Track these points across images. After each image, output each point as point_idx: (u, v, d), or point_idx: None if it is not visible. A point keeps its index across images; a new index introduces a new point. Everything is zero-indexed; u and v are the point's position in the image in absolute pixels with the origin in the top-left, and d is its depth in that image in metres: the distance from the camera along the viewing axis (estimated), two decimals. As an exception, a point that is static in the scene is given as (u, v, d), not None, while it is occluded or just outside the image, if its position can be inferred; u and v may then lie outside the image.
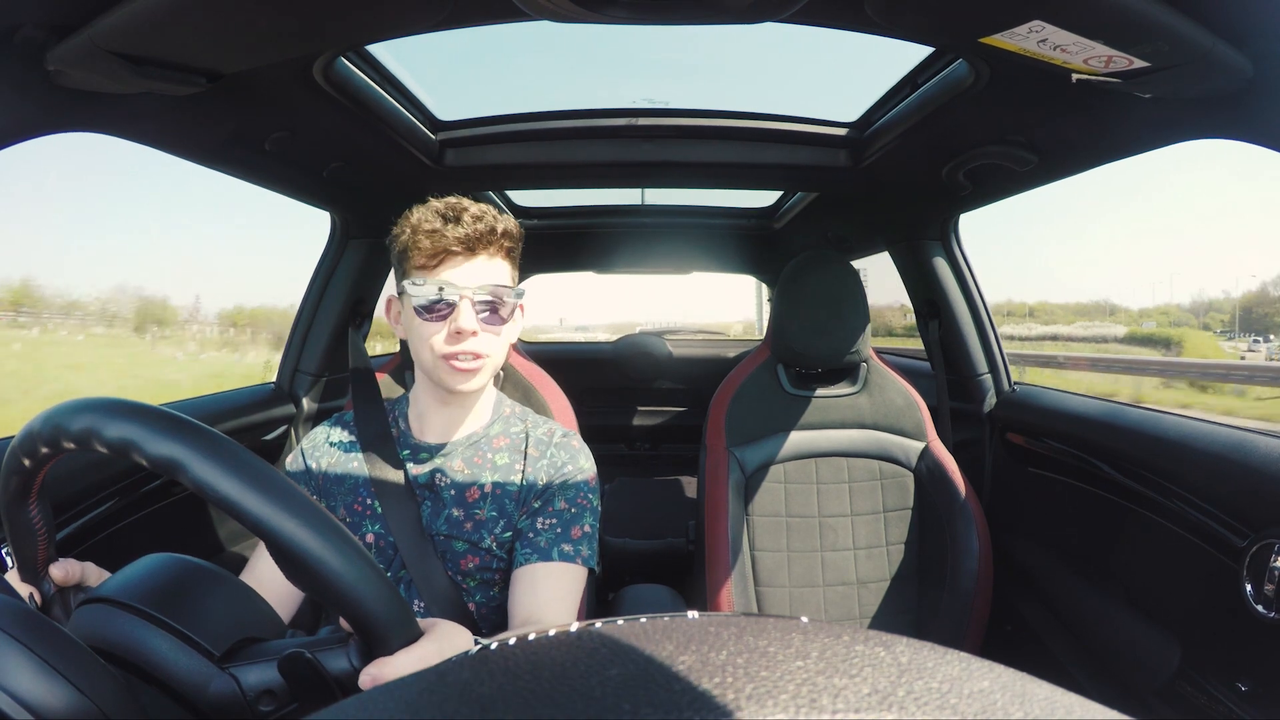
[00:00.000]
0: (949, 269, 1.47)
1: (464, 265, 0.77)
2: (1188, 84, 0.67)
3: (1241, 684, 0.79)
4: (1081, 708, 0.16)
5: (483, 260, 0.78)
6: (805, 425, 1.30)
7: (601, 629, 0.20)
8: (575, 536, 0.81)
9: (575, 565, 0.79)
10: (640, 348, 2.38)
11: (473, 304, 0.76)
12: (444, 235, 0.75)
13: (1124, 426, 1.04)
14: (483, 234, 0.77)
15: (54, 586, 0.49)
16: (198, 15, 0.61)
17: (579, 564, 0.80)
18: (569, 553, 0.79)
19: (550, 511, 0.81)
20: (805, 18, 0.68)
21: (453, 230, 0.75)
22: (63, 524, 0.86)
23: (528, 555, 0.79)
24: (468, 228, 0.76)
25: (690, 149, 1.24)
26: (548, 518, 0.81)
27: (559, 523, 0.80)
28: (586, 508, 0.83)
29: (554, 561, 0.78)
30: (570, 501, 0.82)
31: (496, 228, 0.78)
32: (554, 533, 0.80)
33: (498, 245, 0.79)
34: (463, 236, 0.75)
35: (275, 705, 0.40)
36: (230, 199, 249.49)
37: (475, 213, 0.77)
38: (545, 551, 0.78)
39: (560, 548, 0.79)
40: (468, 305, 0.75)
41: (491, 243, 0.78)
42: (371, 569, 0.38)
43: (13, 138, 0.67)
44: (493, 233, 0.77)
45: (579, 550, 0.80)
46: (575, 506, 0.82)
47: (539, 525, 0.80)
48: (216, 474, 0.36)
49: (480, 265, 0.77)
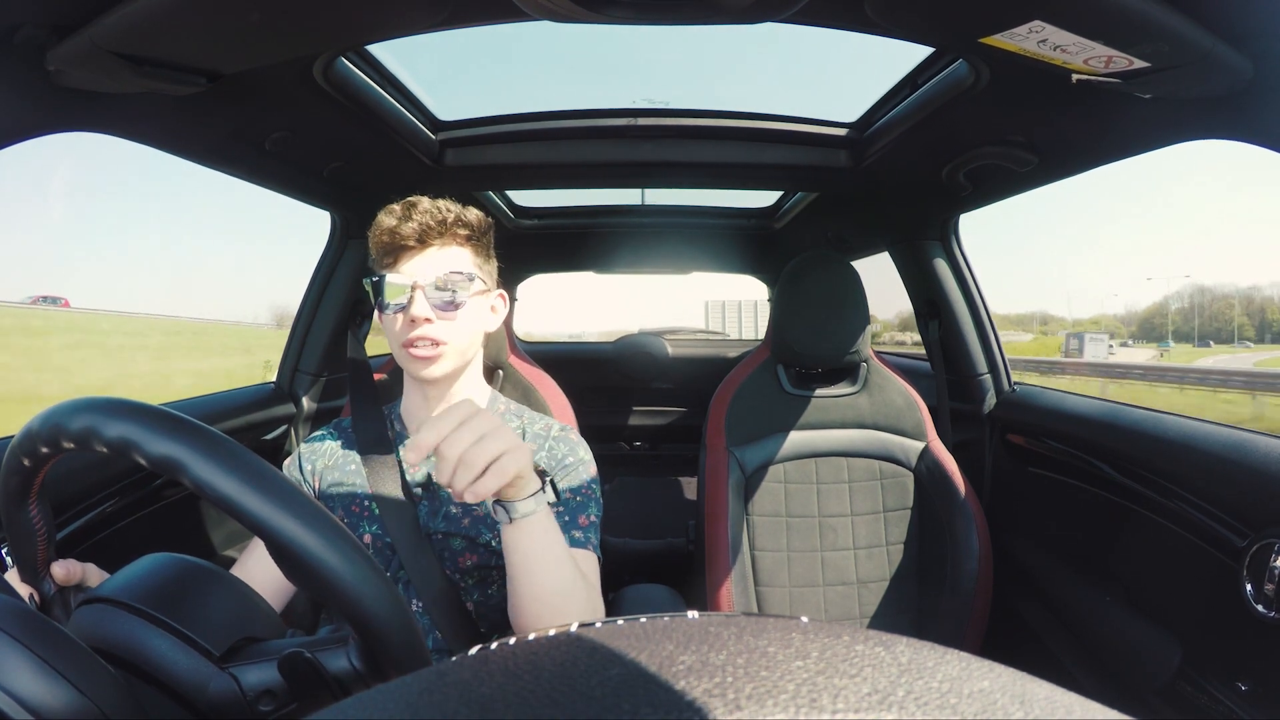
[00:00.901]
0: (949, 269, 1.47)
1: (417, 257, 0.78)
2: (1188, 84, 0.67)
3: (1242, 684, 0.79)
4: (1081, 708, 0.16)
5: (435, 249, 0.79)
6: (805, 425, 1.30)
7: (601, 629, 0.20)
8: (583, 524, 0.80)
9: (587, 550, 0.78)
10: (640, 348, 2.38)
11: (424, 292, 0.77)
12: (397, 231, 0.77)
13: (1124, 427, 1.04)
14: (434, 225, 0.78)
15: (54, 586, 0.49)
16: (198, 15, 0.61)
17: (589, 549, 0.79)
18: (580, 539, 0.78)
19: (554, 501, 0.81)
20: (805, 18, 0.68)
21: (404, 225, 0.77)
22: (63, 524, 0.86)
23: None
24: (418, 220, 0.77)
25: (690, 149, 1.24)
26: (554, 505, 0.80)
27: (565, 511, 0.80)
28: (591, 498, 0.83)
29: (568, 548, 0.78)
30: (574, 491, 0.82)
31: (447, 218, 0.79)
32: (562, 520, 0.79)
33: (451, 234, 0.80)
34: (414, 229, 0.77)
35: (275, 705, 0.40)
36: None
37: (428, 206, 0.79)
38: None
39: (571, 534, 0.78)
40: (420, 295, 0.76)
41: (444, 232, 0.79)
42: (371, 568, 0.38)
43: (13, 138, 0.67)
44: (444, 223, 0.79)
45: (589, 537, 0.79)
46: (580, 495, 0.82)
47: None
48: (217, 474, 0.36)
49: (433, 255, 0.79)
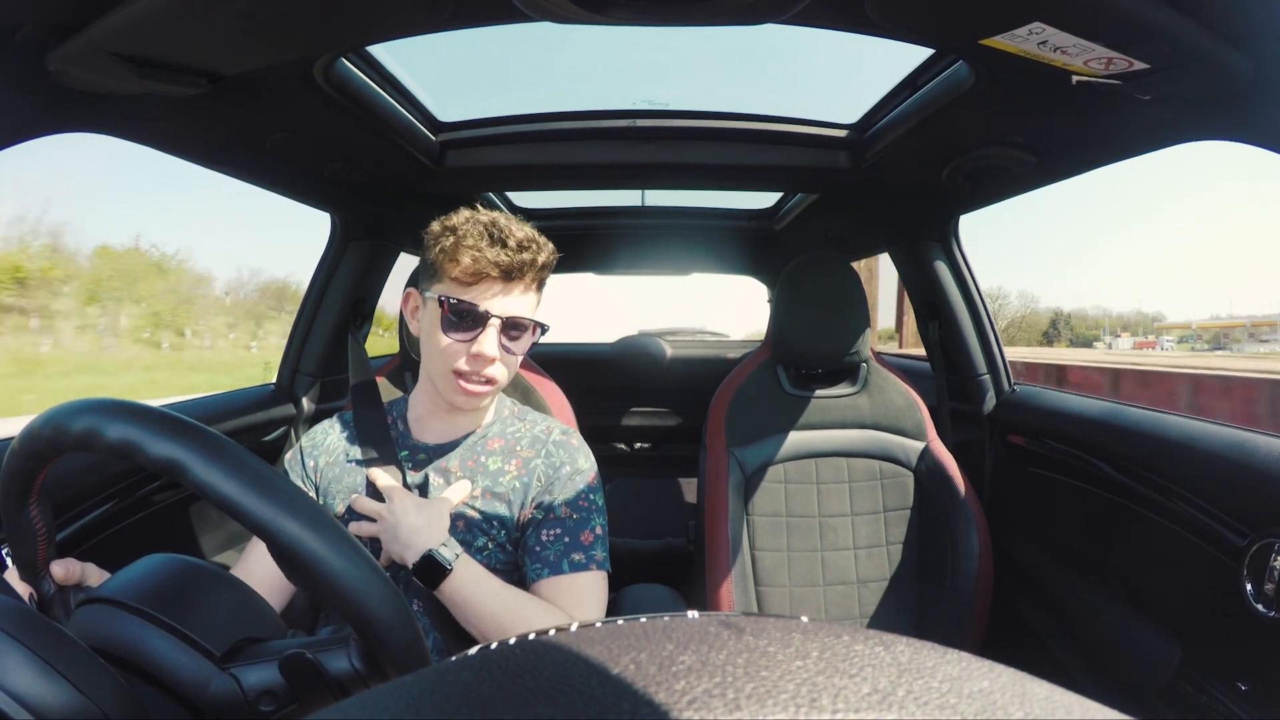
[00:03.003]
0: (948, 270, 1.47)
1: (499, 292, 0.76)
2: (1188, 85, 0.67)
3: (1242, 684, 0.79)
4: (1081, 708, 0.16)
5: (518, 290, 0.77)
6: (805, 425, 1.30)
7: (601, 629, 0.20)
8: (586, 542, 0.80)
9: (590, 572, 0.78)
10: (640, 349, 2.38)
11: (499, 331, 0.76)
12: (485, 257, 0.74)
13: (1124, 427, 1.04)
14: (525, 265, 0.76)
15: (54, 586, 0.49)
16: (198, 16, 0.61)
17: (593, 570, 0.79)
18: (580, 561, 0.78)
19: (553, 520, 0.80)
20: (805, 19, 0.68)
21: (496, 254, 0.74)
22: (63, 524, 0.86)
23: (538, 571, 0.78)
24: (511, 255, 0.74)
25: (690, 150, 1.24)
26: (551, 528, 0.80)
27: (564, 532, 0.80)
28: (592, 510, 0.82)
29: (565, 574, 0.77)
30: (573, 507, 0.81)
31: (538, 260, 0.77)
32: (561, 544, 0.79)
33: (534, 276, 0.78)
34: (505, 264, 0.74)
35: (275, 705, 0.40)
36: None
37: (521, 239, 0.76)
38: (555, 565, 0.78)
39: (570, 558, 0.78)
40: (494, 332, 0.75)
41: (530, 272, 0.77)
42: (373, 570, 0.38)
43: (13, 138, 0.67)
44: (533, 265, 0.77)
45: (591, 556, 0.79)
46: (579, 512, 0.81)
47: (544, 538, 0.79)
48: (218, 475, 0.36)
49: (515, 296, 0.77)
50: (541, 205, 2.00)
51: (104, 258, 29.39)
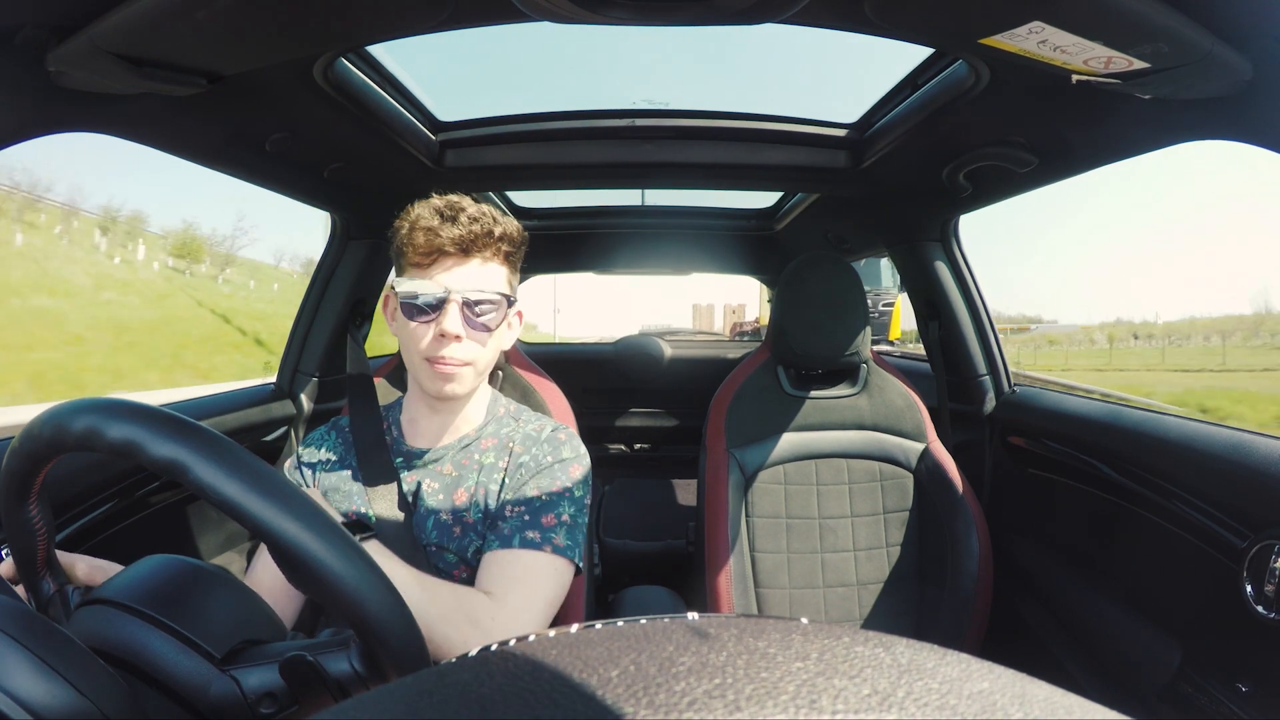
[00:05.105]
0: (948, 270, 1.47)
1: (456, 267, 0.75)
2: (1187, 85, 0.67)
3: (1242, 684, 0.79)
4: (1081, 708, 0.16)
5: (476, 263, 0.76)
6: (805, 426, 1.30)
7: (601, 630, 0.20)
8: (546, 524, 0.75)
9: (542, 553, 0.73)
10: (640, 349, 2.38)
11: (460, 307, 0.74)
12: (439, 234, 0.73)
13: (1124, 428, 1.04)
14: (479, 236, 0.75)
15: (53, 586, 0.49)
16: (198, 16, 0.61)
17: (548, 552, 0.73)
18: (533, 540, 0.73)
19: (521, 499, 0.77)
20: (805, 18, 0.68)
21: (448, 230, 0.73)
22: (63, 525, 0.86)
23: (490, 542, 0.75)
24: (464, 228, 0.74)
25: (690, 150, 1.24)
26: (516, 504, 0.77)
27: (526, 510, 0.76)
28: (564, 496, 0.78)
29: (514, 549, 0.73)
30: (543, 490, 0.78)
31: (494, 230, 0.76)
32: (520, 520, 0.75)
33: (494, 248, 0.77)
34: (458, 237, 0.74)
35: (276, 708, 0.40)
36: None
37: (473, 213, 0.75)
38: (507, 539, 0.74)
39: (524, 534, 0.74)
40: (455, 308, 0.73)
41: (488, 245, 0.76)
42: (373, 572, 0.38)
43: (13, 138, 0.67)
44: (489, 235, 0.76)
45: (549, 538, 0.74)
46: (548, 494, 0.77)
47: (506, 513, 0.76)
48: (219, 476, 0.36)
49: (474, 268, 0.76)
50: (542, 205, 2.00)
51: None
